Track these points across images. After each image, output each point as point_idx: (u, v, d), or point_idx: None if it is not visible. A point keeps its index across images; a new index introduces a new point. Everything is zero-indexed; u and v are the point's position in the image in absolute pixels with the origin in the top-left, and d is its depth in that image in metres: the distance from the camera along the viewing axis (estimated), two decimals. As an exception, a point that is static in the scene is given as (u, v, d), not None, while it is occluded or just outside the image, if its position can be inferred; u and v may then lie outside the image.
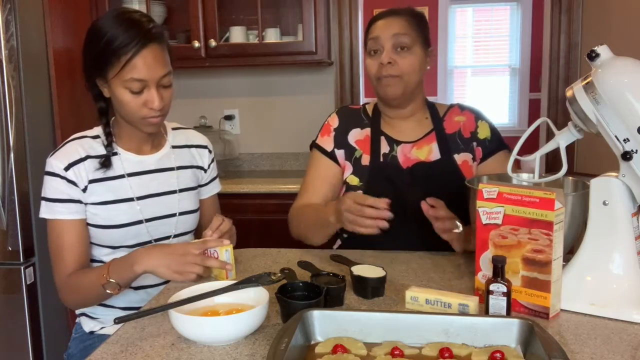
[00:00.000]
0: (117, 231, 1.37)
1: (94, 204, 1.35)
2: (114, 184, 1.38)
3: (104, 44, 1.26)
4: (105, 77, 1.30)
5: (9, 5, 2.08)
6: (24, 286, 2.14)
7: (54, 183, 1.33)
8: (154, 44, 1.28)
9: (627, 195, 1.05)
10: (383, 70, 1.48)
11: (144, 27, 1.28)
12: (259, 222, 2.49)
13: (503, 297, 1.01)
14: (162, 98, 1.31)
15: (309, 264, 1.29)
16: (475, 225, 1.12)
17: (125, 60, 1.25)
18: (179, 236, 1.48)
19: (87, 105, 2.25)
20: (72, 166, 1.34)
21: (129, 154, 1.42)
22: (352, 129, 1.61)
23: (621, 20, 2.53)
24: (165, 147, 1.48)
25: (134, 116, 1.32)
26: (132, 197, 1.39)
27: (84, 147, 1.37)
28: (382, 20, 1.51)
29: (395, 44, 1.48)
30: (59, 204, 1.33)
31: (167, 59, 1.32)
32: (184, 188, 1.48)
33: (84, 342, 1.43)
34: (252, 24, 2.79)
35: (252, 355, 0.93)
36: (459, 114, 1.59)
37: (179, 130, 1.55)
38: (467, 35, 6.31)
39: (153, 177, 1.44)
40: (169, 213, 1.45)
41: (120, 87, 1.29)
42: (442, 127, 1.57)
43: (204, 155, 1.56)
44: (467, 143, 1.55)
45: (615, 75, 1.02)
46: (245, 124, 3.08)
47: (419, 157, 1.54)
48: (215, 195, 1.62)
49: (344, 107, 1.70)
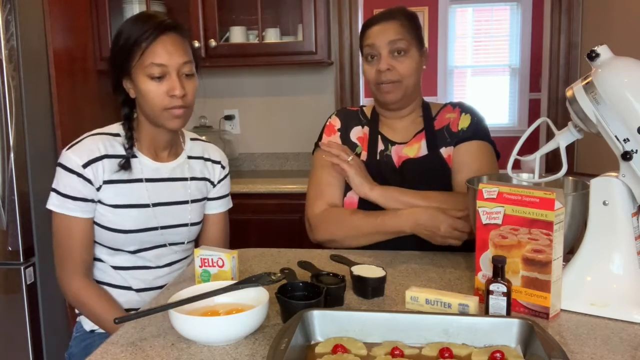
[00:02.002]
0: (121, 236, 1.36)
1: (104, 204, 1.35)
2: (129, 187, 1.37)
3: (125, 39, 1.30)
4: (129, 72, 1.31)
5: (9, 5, 2.09)
6: (24, 286, 2.13)
7: (69, 180, 1.32)
8: (172, 32, 1.31)
9: (627, 195, 1.05)
10: (382, 77, 1.49)
11: (160, 18, 1.33)
12: (258, 222, 2.49)
13: (503, 297, 1.01)
14: (184, 87, 1.32)
15: (309, 264, 1.29)
16: (475, 225, 1.12)
17: (145, 46, 1.28)
18: (188, 243, 1.49)
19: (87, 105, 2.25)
20: (91, 164, 1.32)
21: (147, 159, 1.41)
22: (353, 127, 1.63)
23: (621, 20, 2.53)
24: (181, 157, 1.47)
25: (156, 108, 1.31)
26: (148, 203, 1.38)
27: (105, 144, 1.36)
28: (377, 25, 1.51)
29: (391, 49, 1.48)
30: (71, 201, 1.32)
31: (187, 49, 1.34)
32: (194, 199, 1.48)
33: (84, 341, 1.43)
34: (252, 24, 2.80)
35: (252, 355, 0.93)
36: (451, 111, 1.59)
37: (197, 142, 1.54)
38: (467, 35, 6.32)
39: (167, 185, 1.43)
40: (181, 223, 1.44)
41: (142, 75, 1.29)
42: (432, 125, 1.57)
43: (216, 170, 1.54)
44: (454, 136, 1.55)
45: (615, 75, 1.02)
46: (245, 124, 3.08)
47: (408, 155, 1.55)
48: (222, 214, 1.57)
49: (342, 109, 1.71)
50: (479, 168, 1.47)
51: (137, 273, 1.42)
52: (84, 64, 2.61)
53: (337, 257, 1.34)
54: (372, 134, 1.60)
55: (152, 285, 1.43)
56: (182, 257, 1.50)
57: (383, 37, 1.48)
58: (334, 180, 1.56)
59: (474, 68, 6.37)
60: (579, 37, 2.78)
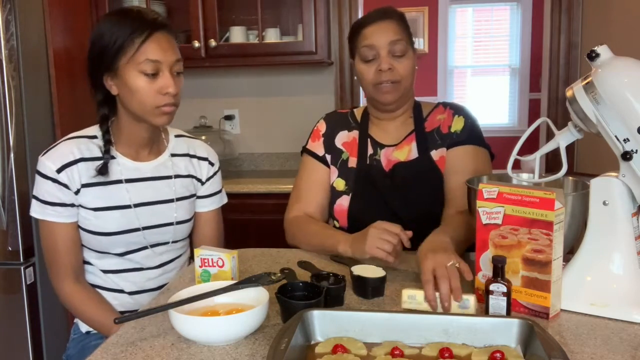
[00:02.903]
0: (105, 238, 1.35)
1: (85, 208, 1.34)
2: (109, 189, 1.35)
3: (115, 34, 1.26)
4: (115, 69, 1.28)
5: (9, 5, 2.09)
6: (24, 286, 2.14)
7: (46, 186, 1.31)
8: (164, 31, 1.30)
9: (627, 195, 1.05)
10: (383, 76, 1.47)
11: (151, 15, 1.31)
12: (258, 222, 2.49)
13: (503, 297, 1.01)
14: (176, 85, 1.31)
15: (309, 264, 1.29)
16: (475, 225, 1.12)
17: (139, 42, 1.26)
18: (175, 242, 1.46)
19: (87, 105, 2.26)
20: (65, 168, 1.31)
21: (126, 159, 1.38)
22: (339, 132, 1.61)
23: (621, 20, 2.53)
24: (163, 155, 1.44)
25: (146, 106, 1.29)
26: (129, 204, 1.36)
27: (80, 147, 1.33)
28: (373, 25, 1.49)
29: (391, 50, 1.47)
30: (50, 207, 1.31)
31: (177, 47, 1.33)
32: (180, 197, 1.45)
33: (81, 343, 1.43)
34: (252, 24, 2.79)
35: (252, 355, 0.93)
36: (442, 112, 1.58)
37: (182, 139, 1.51)
38: (467, 35, 6.32)
39: (149, 184, 1.40)
40: (166, 222, 1.42)
41: (134, 71, 1.27)
42: (422, 127, 1.56)
43: (202, 167, 1.50)
44: (445, 138, 1.53)
45: (615, 75, 1.02)
46: (245, 124, 3.08)
47: (398, 159, 1.54)
48: (214, 211, 1.54)
49: (332, 112, 1.70)
50: (474, 170, 1.46)
51: (128, 276, 1.41)
52: (84, 64, 2.59)
53: (337, 257, 1.35)
54: (362, 137, 1.58)
55: (144, 287, 1.42)
56: (174, 257, 1.48)
57: (383, 37, 1.47)
58: (313, 187, 1.59)
59: (473, 68, 6.37)
60: (579, 37, 2.78)
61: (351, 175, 1.55)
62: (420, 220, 1.44)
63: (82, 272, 1.40)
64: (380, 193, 1.50)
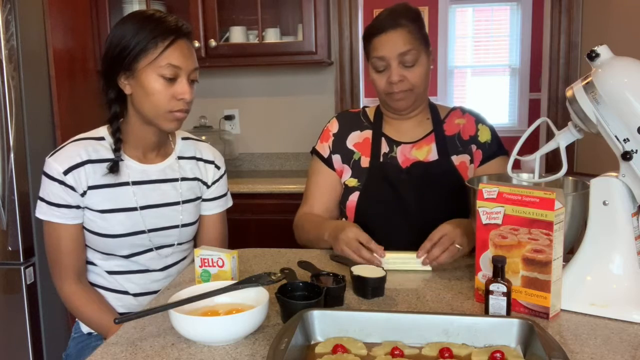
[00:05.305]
0: (111, 240, 1.35)
1: (91, 210, 1.34)
2: (116, 191, 1.35)
3: (138, 36, 1.27)
4: (133, 70, 1.28)
5: (9, 5, 2.09)
6: (24, 286, 2.14)
7: (52, 187, 1.31)
8: (187, 38, 1.32)
9: (627, 195, 1.05)
10: (394, 87, 1.47)
11: (176, 21, 1.31)
12: (258, 222, 2.49)
13: (503, 297, 1.01)
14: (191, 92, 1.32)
15: (309, 264, 1.29)
16: (475, 225, 1.12)
17: (162, 47, 1.26)
18: (180, 245, 1.47)
19: (87, 105, 2.24)
20: (72, 170, 1.31)
21: (133, 162, 1.38)
22: (350, 133, 1.61)
23: (621, 20, 2.53)
24: (170, 158, 1.44)
25: (159, 109, 1.29)
26: (135, 207, 1.36)
27: (87, 150, 1.33)
28: (383, 35, 1.46)
29: (402, 61, 1.45)
30: (57, 209, 1.31)
31: (195, 56, 1.35)
32: (186, 200, 1.45)
33: (81, 343, 1.43)
34: (252, 24, 2.79)
35: (252, 355, 0.93)
36: (460, 117, 1.59)
37: (189, 141, 1.51)
38: (467, 35, 6.31)
39: (155, 187, 1.40)
40: (172, 225, 1.42)
41: (153, 74, 1.27)
42: (442, 129, 1.57)
43: (209, 170, 1.50)
44: (466, 145, 1.55)
45: (615, 75, 1.02)
46: (245, 124, 3.08)
47: (417, 157, 1.54)
48: (219, 214, 1.54)
49: (344, 112, 1.70)
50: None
51: (133, 277, 1.41)
52: (84, 64, 2.61)
53: (337, 257, 1.35)
54: (376, 136, 1.59)
55: (149, 289, 1.42)
56: (179, 259, 1.48)
57: (393, 49, 1.44)
58: (318, 189, 1.62)
59: (474, 68, 6.36)
60: (579, 37, 2.77)
61: (364, 174, 1.56)
62: (429, 220, 1.41)
63: (84, 273, 1.40)
64: (394, 188, 1.51)
